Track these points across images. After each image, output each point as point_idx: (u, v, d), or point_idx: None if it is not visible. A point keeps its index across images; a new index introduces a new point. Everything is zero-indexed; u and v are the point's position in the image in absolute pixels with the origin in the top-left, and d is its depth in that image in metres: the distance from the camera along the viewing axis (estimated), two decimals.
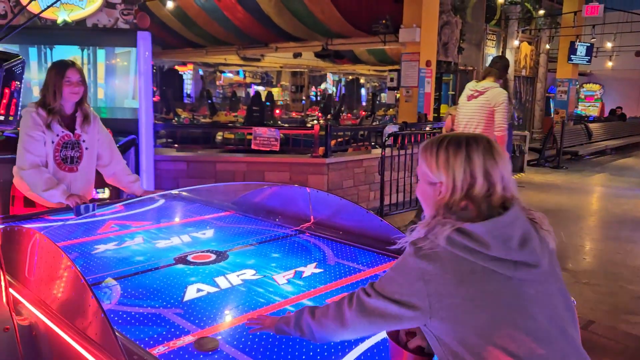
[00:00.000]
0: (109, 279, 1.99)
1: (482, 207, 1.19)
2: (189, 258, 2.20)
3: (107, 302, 1.77)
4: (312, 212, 2.68)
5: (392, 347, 1.34)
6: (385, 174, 6.06)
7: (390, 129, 6.75)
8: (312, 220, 2.68)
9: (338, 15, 9.98)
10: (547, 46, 15.26)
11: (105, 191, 3.63)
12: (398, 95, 9.82)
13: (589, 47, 14.66)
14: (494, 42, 12.93)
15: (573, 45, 14.36)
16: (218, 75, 21.27)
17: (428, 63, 9.14)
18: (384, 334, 1.45)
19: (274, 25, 11.09)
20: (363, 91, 23.57)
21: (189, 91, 19.84)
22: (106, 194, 3.66)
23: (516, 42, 13.55)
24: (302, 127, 10.67)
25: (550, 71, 16.07)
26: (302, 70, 19.68)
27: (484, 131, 4.35)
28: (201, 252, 2.28)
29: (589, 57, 14.84)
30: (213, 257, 2.22)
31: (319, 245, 2.42)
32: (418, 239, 1.20)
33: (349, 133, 7.16)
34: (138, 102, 5.19)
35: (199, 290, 1.87)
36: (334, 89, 23.21)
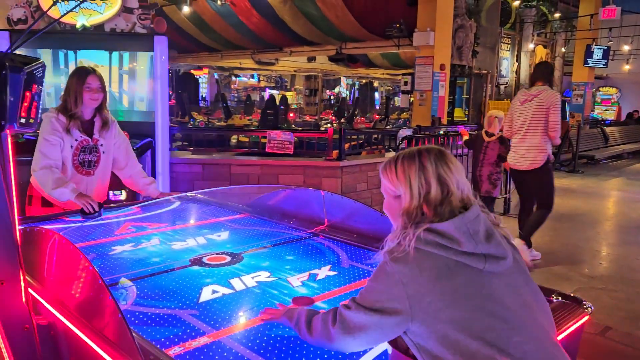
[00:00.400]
0: (124, 279, 2.01)
1: (442, 210, 1.27)
2: (205, 260, 2.21)
3: (124, 303, 1.79)
4: (326, 215, 2.69)
5: (394, 354, 1.35)
6: None
7: (404, 132, 6.74)
8: (326, 223, 2.68)
9: (352, 20, 9.99)
10: (563, 49, 15.11)
11: (123, 193, 3.67)
12: (412, 98, 9.79)
13: (606, 50, 14.49)
14: (509, 46, 12.84)
15: (589, 49, 14.20)
16: (233, 79, 21.41)
17: (442, 67, 9.11)
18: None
19: (288, 30, 11.14)
20: (376, 95, 23.56)
21: (204, 95, 19.99)
22: (123, 196, 3.71)
23: (531, 46, 13.44)
24: (316, 130, 10.69)
25: (565, 75, 15.91)
26: (316, 74, 19.72)
27: (539, 131, 4.53)
28: (216, 254, 2.29)
29: (605, 61, 14.66)
30: (228, 259, 2.23)
31: (333, 248, 2.42)
32: (391, 248, 1.27)
33: (363, 136, 7.15)
34: (154, 106, 5.24)
35: (214, 292, 1.88)
36: (347, 93, 23.23)
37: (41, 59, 1.57)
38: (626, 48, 15.61)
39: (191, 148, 6.45)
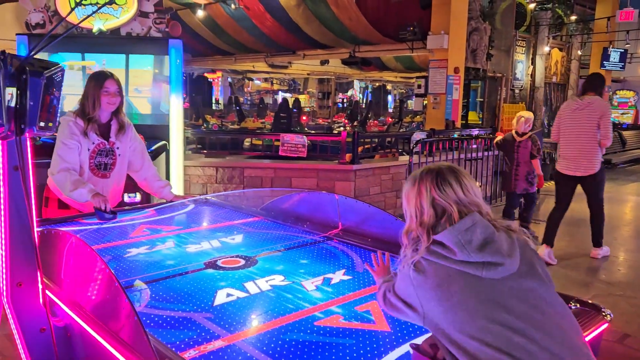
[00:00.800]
0: (138, 281, 2.02)
1: (438, 229, 1.36)
2: (219, 263, 2.22)
3: (137, 305, 1.80)
4: (341, 218, 2.68)
5: (415, 356, 1.36)
6: None
7: (418, 135, 6.71)
8: (340, 226, 2.68)
9: (365, 23, 9.97)
10: (579, 52, 14.95)
11: (137, 195, 3.70)
12: (425, 102, 9.75)
13: (623, 53, 14.30)
14: (524, 49, 12.72)
15: (606, 52, 14.03)
16: (246, 82, 21.50)
17: (456, 70, 9.05)
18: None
19: (302, 33, 11.15)
20: (390, 98, 23.50)
21: (218, 98, 20.10)
22: (138, 198, 3.74)
23: (547, 49, 13.30)
24: (329, 133, 10.68)
25: (581, 78, 15.71)
26: (329, 77, 19.72)
27: (591, 138, 4.76)
28: (230, 257, 2.30)
29: (622, 64, 14.47)
30: (242, 262, 2.24)
31: (347, 252, 2.41)
32: (408, 262, 1.38)
33: (376, 140, 7.13)
34: (169, 109, 5.28)
35: (228, 295, 1.88)
36: (360, 96, 23.20)
37: (60, 64, 1.59)
38: None
39: (205, 151, 6.46)
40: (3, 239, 1.61)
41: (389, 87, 22.78)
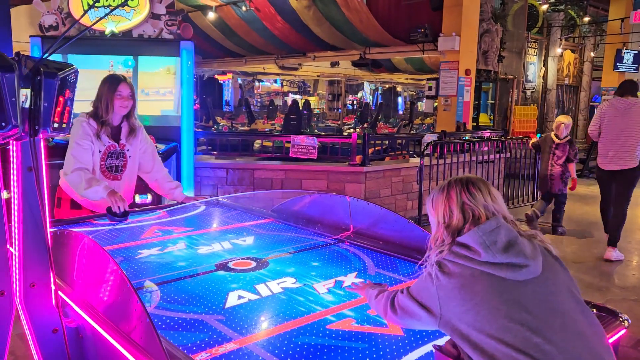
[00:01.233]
0: (149, 282, 2.02)
1: (463, 232, 1.40)
2: (230, 265, 2.21)
3: (149, 306, 1.80)
4: (352, 221, 2.67)
5: (438, 357, 1.35)
6: (424, 183, 5.99)
7: (429, 137, 6.67)
8: (351, 229, 2.66)
9: (376, 24, 9.94)
10: (592, 54, 14.81)
11: (148, 197, 3.71)
12: (436, 104, 9.70)
13: (637, 54, 14.14)
14: (536, 50, 12.62)
15: (619, 53, 13.88)
16: (256, 84, 21.55)
17: (467, 72, 9.00)
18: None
19: (312, 35, 11.16)
20: (400, 100, 23.44)
21: (228, 99, 20.16)
22: (149, 199, 3.75)
23: (559, 50, 13.19)
24: (340, 135, 10.66)
25: (594, 79, 15.58)
26: (339, 79, 19.72)
27: (634, 136, 5.05)
28: (241, 259, 2.29)
29: (636, 65, 14.30)
30: (253, 264, 2.23)
31: (358, 255, 2.40)
32: (431, 262, 1.43)
33: (387, 142, 7.10)
34: (180, 110, 5.30)
35: (240, 297, 1.88)
36: (370, 98, 23.16)
37: (73, 65, 1.59)
38: None
39: (215, 152, 6.47)
40: (16, 240, 1.62)
41: (399, 89, 22.72)
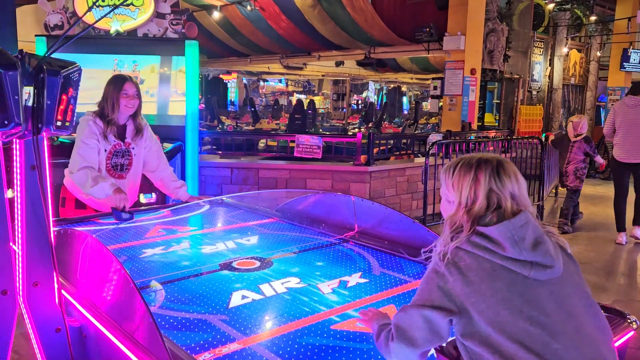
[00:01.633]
0: (153, 282, 2.02)
1: (485, 220, 1.30)
2: (234, 264, 2.20)
3: (152, 306, 1.79)
4: (357, 220, 2.65)
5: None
6: (429, 183, 5.96)
7: (434, 137, 6.64)
8: (356, 229, 2.65)
9: (381, 24, 9.91)
10: (598, 53, 14.72)
11: (153, 196, 3.70)
12: (441, 103, 9.66)
13: None
14: (542, 50, 12.56)
15: (626, 53, 13.77)
16: (261, 83, 21.56)
17: (473, 71, 8.96)
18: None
19: (317, 34, 11.14)
20: (405, 99, 23.39)
21: (233, 99, 20.18)
22: (154, 198, 3.74)
23: (565, 50, 13.12)
24: (345, 135, 10.64)
25: (601, 79, 15.49)
26: (344, 78, 19.69)
27: None
28: (246, 258, 2.28)
29: None
30: (257, 264, 2.22)
31: (363, 255, 2.38)
32: (440, 251, 1.31)
33: (392, 141, 7.08)
34: (185, 110, 5.30)
35: (243, 297, 1.86)
36: (375, 97, 23.12)
37: (77, 63, 1.58)
38: None
39: (220, 152, 6.47)
40: (20, 239, 1.61)
41: (404, 88, 22.67)
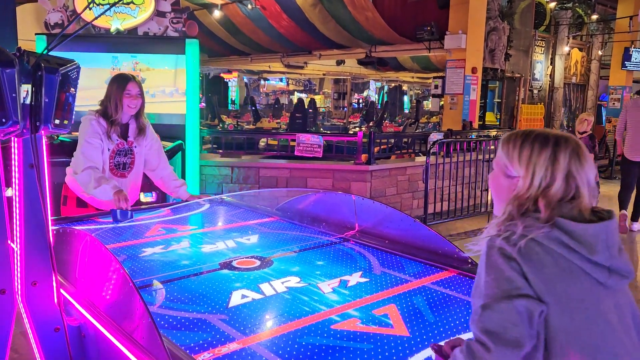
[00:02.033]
0: (152, 281, 2.01)
1: (560, 210, 1.12)
2: (234, 263, 2.19)
3: (151, 305, 1.78)
4: (357, 219, 2.64)
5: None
6: (430, 182, 5.95)
7: (435, 136, 6.63)
8: (357, 228, 2.63)
9: (382, 22, 9.90)
10: (600, 52, 14.69)
11: (153, 195, 3.70)
12: (442, 102, 9.65)
13: None
14: (543, 49, 12.53)
15: (627, 51, 13.75)
16: (262, 82, 21.55)
17: (474, 70, 8.95)
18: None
19: (318, 33, 11.12)
20: (406, 98, 23.37)
21: (234, 98, 20.17)
22: (154, 197, 3.74)
23: (566, 49, 13.09)
24: (345, 133, 10.63)
25: (602, 78, 15.46)
26: (345, 77, 19.67)
27: None
28: (246, 257, 2.27)
29: None
30: (257, 263, 2.21)
31: (364, 254, 2.37)
32: (504, 235, 1.12)
33: (392, 140, 7.07)
34: (185, 109, 5.29)
35: (243, 297, 1.85)
36: (376, 96, 23.11)
37: (75, 61, 1.57)
38: None
39: (220, 151, 6.46)
40: (18, 238, 1.60)
41: (405, 87, 22.65)
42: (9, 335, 1.62)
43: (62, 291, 1.74)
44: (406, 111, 21.49)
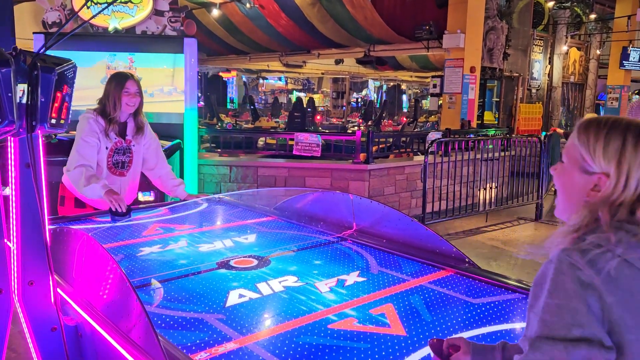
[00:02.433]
0: (153, 281, 2.01)
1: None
2: (231, 263, 2.19)
3: (148, 305, 1.78)
4: (355, 219, 2.64)
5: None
6: (428, 181, 5.96)
7: (433, 135, 6.64)
8: (354, 227, 2.63)
9: (381, 22, 9.90)
10: (598, 52, 14.71)
11: (151, 194, 3.69)
12: (441, 101, 9.66)
13: None
14: (541, 48, 12.55)
15: (625, 51, 13.78)
16: (260, 81, 21.54)
17: (472, 69, 8.95)
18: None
19: (316, 32, 11.12)
20: (404, 97, 23.38)
21: (232, 97, 20.16)
22: (151, 197, 3.73)
23: (564, 48, 13.11)
24: (344, 133, 10.63)
25: (600, 77, 15.49)
26: (344, 76, 19.67)
27: None
28: (243, 257, 2.27)
29: None
30: (255, 262, 2.21)
31: (361, 253, 2.37)
32: (583, 247, 0.90)
33: (391, 139, 7.07)
34: (183, 107, 5.28)
35: (240, 296, 1.85)
36: (375, 96, 23.11)
37: (72, 60, 1.57)
38: None
39: (219, 150, 6.46)
40: (15, 237, 1.60)
41: (403, 86, 22.66)
42: (6, 335, 1.62)
43: (59, 291, 1.74)
44: (405, 110, 21.49)
